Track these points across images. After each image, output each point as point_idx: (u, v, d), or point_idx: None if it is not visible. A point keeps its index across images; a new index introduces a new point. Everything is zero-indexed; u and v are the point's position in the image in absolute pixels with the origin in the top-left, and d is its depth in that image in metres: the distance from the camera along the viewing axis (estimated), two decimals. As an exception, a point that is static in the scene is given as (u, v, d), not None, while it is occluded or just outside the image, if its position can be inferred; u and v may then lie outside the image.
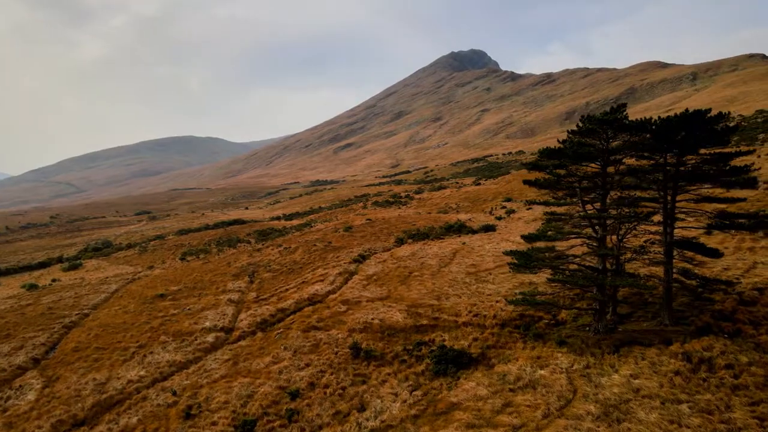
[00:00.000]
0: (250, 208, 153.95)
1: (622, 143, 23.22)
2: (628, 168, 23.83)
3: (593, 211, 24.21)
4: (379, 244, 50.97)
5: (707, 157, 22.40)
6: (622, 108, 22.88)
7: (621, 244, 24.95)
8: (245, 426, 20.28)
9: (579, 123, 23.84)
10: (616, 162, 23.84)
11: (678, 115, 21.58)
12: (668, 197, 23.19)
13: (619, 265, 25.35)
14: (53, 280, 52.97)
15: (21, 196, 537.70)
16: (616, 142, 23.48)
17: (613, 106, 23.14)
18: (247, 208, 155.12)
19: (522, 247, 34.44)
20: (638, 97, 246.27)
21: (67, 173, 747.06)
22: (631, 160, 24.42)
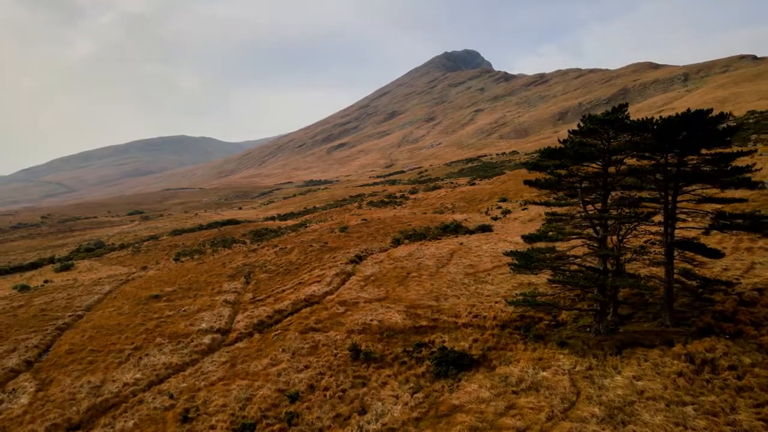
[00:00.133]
0: (244, 208, 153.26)
1: (624, 143, 23.10)
2: (629, 168, 23.72)
3: (594, 212, 24.09)
4: (376, 245, 50.72)
5: (708, 157, 22.34)
6: (624, 108, 22.77)
7: (621, 244, 24.86)
8: (244, 430, 19.97)
9: (580, 123, 23.72)
10: (618, 162, 23.73)
11: (679, 115, 21.47)
12: (669, 197, 23.12)
13: (620, 265, 25.25)
14: (45, 281, 52.24)
15: (11, 196, 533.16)
16: (616, 143, 23.38)
17: (614, 107, 22.99)
18: (240, 208, 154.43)
19: (520, 248, 34.34)
20: (631, 97, 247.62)
21: (58, 173, 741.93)
22: (631, 160, 24.31)
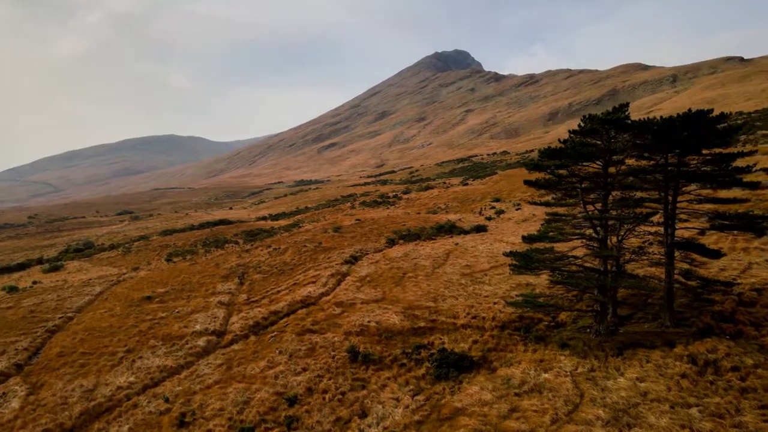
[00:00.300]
0: (235, 208, 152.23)
1: (624, 143, 23.02)
2: (629, 168, 23.64)
3: (594, 212, 23.98)
4: (370, 245, 50.39)
5: (709, 157, 22.31)
6: (624, 107, 22.67)
7: (621, 245, 24.78)
8: (243, 434, 19.63)
9: (581, 122, 23.59)
10: (618, 162, 23.63)
11: (680, 115, 21.43)
12: (669, 198, 23.07)
13: (620, 266, 25.18)
14: (34, 282, 51.24)
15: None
16: (616, 143, 23.29)
17: (614, 106, 22.90)
18: (231, 208, 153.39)
19: (516, 248, 34.23)
20: (620, 98, 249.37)
21: (44, 172, 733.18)
22: (631, 160, 24.25)
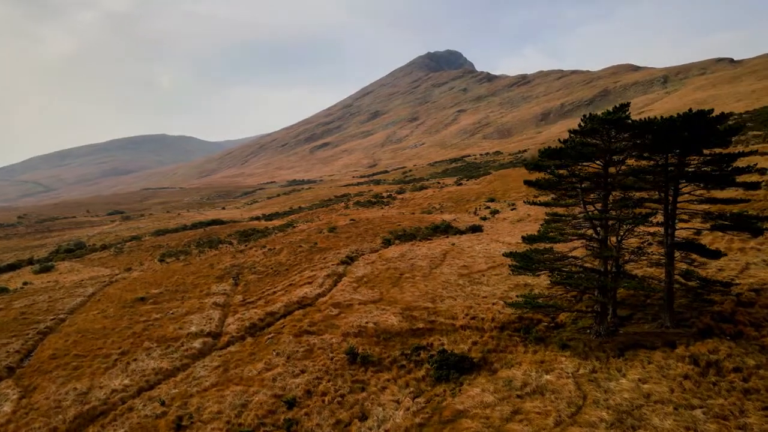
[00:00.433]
0: (227, 208, 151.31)
1: (625, 143, 22.94)
2: (629, 168, 23.57)
3: (595, 212, 23.89)
4: (366, 245, 50.12)
5: (709, 157, 22.28)
6: (625, 107, 22.56)
7: (620, 245, 24.70)
8: (242, 438, 19.33)
9: (581, 122, 23.47)
10: (619, 162, 23.55)
11: (681, 115, 21.37)
12: (669, 198, 23.03)
13: (620, 266, 25.11)
14: (24, 283, 50.48)
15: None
16: (617, 144, 23.20)
17: (615, 106, 22.79)
18: (223, 208, 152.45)
19: (513, 248, 34.16)
20: (611, 99, 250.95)
21: (34, 172, 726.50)
22: (631, 160, 24.17)
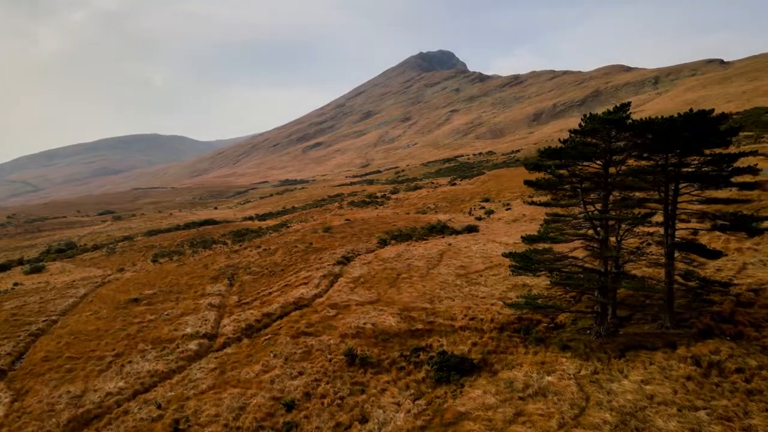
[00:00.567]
0: (220, 208, 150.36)
1: (625, 143, 22.87)
2: (629, 168, 23.51)
3: (595, 212, 23.81)
4: (362, 245, 49.85)
5: (709, 157, 22.26)
6: (626, 107, 22.50)
7: (620, 245, 24.65)
8: (241, 442, 19.02)
9: (581, 122, 23.38)
10: (619, 162, 23.48)
11: (681, 114, 21.33)
12: (669, 198, 22.99)
13: (619, 266, 25.05)
14: (15, 284, 49.63)
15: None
16: (617, 144, 23.13)
17: (616, 105, 22.73)
18: (216, 208, 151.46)
19: (510, 249, 34.05)
20: (603, 99, 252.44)
21: (22, 171, 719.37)
22: (631, 160, 24.11)
